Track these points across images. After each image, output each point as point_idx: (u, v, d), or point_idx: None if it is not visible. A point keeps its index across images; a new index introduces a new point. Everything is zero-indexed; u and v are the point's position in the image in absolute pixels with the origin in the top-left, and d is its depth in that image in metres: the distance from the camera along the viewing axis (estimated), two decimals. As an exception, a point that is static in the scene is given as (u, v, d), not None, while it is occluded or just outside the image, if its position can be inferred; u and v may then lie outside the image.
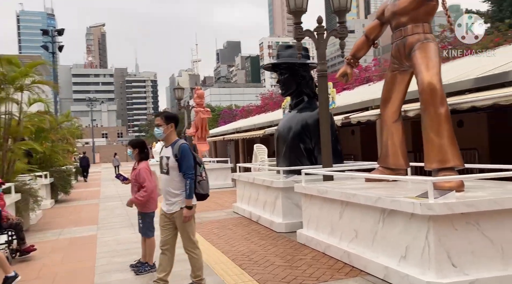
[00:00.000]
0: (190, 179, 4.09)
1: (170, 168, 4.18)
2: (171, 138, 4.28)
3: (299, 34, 6.53)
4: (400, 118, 5.47)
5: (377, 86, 14.87)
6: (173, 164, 4.15)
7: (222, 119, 37.83)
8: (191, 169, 4.13)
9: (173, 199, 4.19)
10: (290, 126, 7.98)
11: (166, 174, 4.22)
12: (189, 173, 4.09)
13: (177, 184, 4.17)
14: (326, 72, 6.65)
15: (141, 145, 5.60)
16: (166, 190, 4.24)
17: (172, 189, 4.18)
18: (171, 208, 4.21)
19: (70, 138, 18.22)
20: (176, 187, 4.17)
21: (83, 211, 11.43)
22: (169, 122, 4.27)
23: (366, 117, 9.15)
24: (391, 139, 5.49)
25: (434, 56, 4.67)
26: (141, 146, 5.57)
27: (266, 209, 7.66)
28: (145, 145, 5.67)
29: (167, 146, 4.30)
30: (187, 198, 4.09)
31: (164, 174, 4.27)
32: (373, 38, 5.66)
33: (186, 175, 4.08)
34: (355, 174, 5.74)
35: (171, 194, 4.19)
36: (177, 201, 4.17)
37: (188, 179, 4.08)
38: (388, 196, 4.18)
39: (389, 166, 5.56)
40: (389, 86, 5.36)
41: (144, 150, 5.57)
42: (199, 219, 8.68)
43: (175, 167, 4.15)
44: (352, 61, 5.78)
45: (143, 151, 5.53)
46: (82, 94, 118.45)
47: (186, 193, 4.08)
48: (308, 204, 5.94)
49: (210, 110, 16.06)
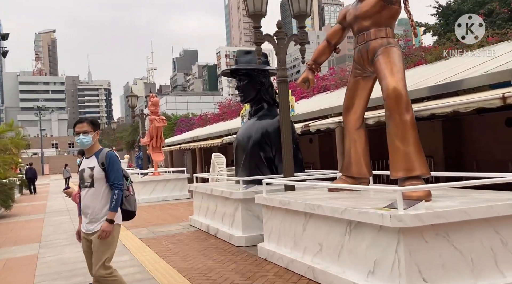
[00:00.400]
0: (119, 189, 3.67)
1: (95, 180, 3.71)
2: (95, 147, 3.87)
3: (258, 38, 6.27)
4: (363, 126, 5.32)
5: (335, 95, 14.94)
6: (99, 175, 3.70)
7: (178, 128, 37.03)
8: (120, 178, 3.71)
9: (98, 215, 3.69)
10: (249, 135, 7.68)
11: (90, 187, 3.73)
12: (118, 183, 3.68)
13: (104, 198, 3.69)
14: (287, 78, 6.43)
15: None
16: (89, 206, 3.72)
17: (98, 204, 3.68)
18: (92, 227, 3.70)
19: (13, 149, 17.00)
20: (102, 201, 3.69)
21: (25, 227, 10.53)
22: (96, 128, 3.88)
23: (326, 125, 9.02)
24: (354, 147, 5.31)
25: (398, 61, 4.53)
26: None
27: (224, 222, 7.28)
28: None
29: (89, 155, 3.83)
30: (111, 210, 3.61)
31: (87, 188, 3.75)
32: (335, 43, 5.49)
33: (115, 185, 3.65)
34: (319, 183, 5.50)
35: (96, 210, 3.68)
36: (103, 218, 3.67)
37: (116, 189, 3.65)
38: (355, 207, 3.95)
39: (352, 175, 5.38)
40: (351, 92, 5.19)
41: None
42: (153, 234, 8.17)
43: (102, 178, 3.70)
44: (314, 66, 5.57)
45: None
46: (30, 103, 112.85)
47: (111, 203, 3.61)
48: (270, 215, 5.63)
49: (165, 119, 15.51)
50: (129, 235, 8.20)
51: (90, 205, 3.71)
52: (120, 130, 56.39)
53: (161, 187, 14.90)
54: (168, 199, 14.61)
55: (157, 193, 14.72)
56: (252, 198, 6.43)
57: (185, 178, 15.43)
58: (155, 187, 14.82)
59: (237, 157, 8.05)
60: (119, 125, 72.29)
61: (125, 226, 9.30)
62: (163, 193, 14.82)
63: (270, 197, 5.47)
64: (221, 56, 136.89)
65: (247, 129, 7.88)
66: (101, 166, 3.70)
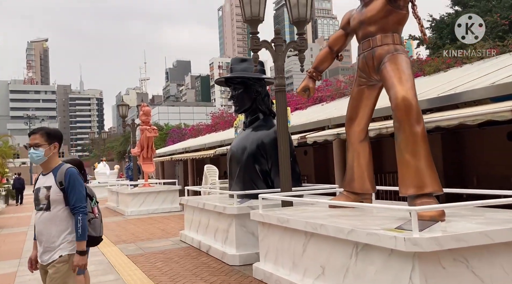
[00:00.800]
0: (83, 213, 3.11)
1: (52, 202, 3.14)
2: (53, 163, 3.28)
3: (255, 45, 5.95)
4: (367, 138, 4.98)
5: (331, 106, 14.68)
6: (56, 196, 3.14)
7: (170, 139, 36.57)
8: (83, 200, 3.15)
9: (54, 244, 3.12)
10: (244, 146, 7.32)
11: (46, 210, 3.16)
12: (81, 206, 3.12)
13: (62, 222, 3.11)
14: (285, 86, 6.10)
15: (78, 165, 4.75)
16: (43, 232, 3.15)
17: (54, 230, 3.11)
18: (46, 258, 3.17)
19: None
20: (60, 226, 3.11)
21: (6, 241, 10.01)
22: (52, 141, 3.29)
23: (324, 137, 8.70)
24: (357, 161, 4.97)
25: (407, 69, 4.22)
26: (78, 166, 4.75)
27: (217, 238, 6.87)
28: (82, 166, 4.84)
29: (46, 172, 3.28)
30: (79, 239, 3.07)
31: (42, 211, 3.18)
32: (337, 49, 5.18)
33: (76, 209, 3.10)
34: (320, 200, 5.13)
35: (51, 237, 3.12)
36: (61, 247, 3.11)
37: (79, 214, 3.09)
38: (362, 228, 3.59)
39: (355, 190, 5.03)
40: (355, 102, 4.86)
41: (82, 171, 4.76)
42: (141, 250, 7.72)
43: (60, 200, 3.14)
44: (315, 74, 5.25)
45: (80, 172, 4.72)
46: (20, 112, 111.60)
47: (77, 232, 3.05)
48: (266, 233, 5.24)
49: (157, 129, 15.09)
50: (115, 251, 7.74)
51: (45, 231, 3.15)
52: (111, 140, 55.72)
53: (151, 199, 14.43)
54: (158, 211, 14.12)
55: (147, 205, 14.24)
56: (247, 214, 6.05)
57: (176, 190, 14.98)
58: (145, 199, 14.34)
59: (231, 169, 7.67)
60: (111, 135, 71.58)
61: (111, 241, 8.83)
62: (153, 205, 14.34)
63: (267, 214, 5.08)
64: (214, 67, 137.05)
65: (242, 141, 7.52)
66: (59, 186, 3.13)
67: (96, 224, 3.32)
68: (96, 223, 3.32)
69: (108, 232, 10.16)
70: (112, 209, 16.19)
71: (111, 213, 15.18)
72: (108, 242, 8.71)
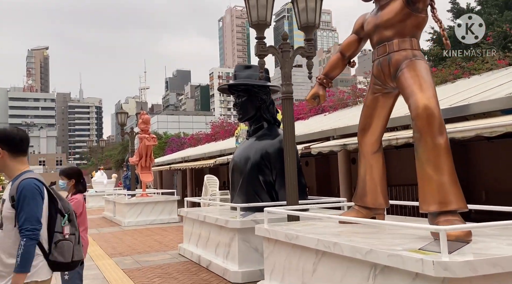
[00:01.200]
0: (28, 238, 2.47)
1: (4, 218, 2.59)
2: (13, 171, 2.68)
3: (262, 50, 5.66)
4: (380, 149, 4.67)
5: (335, 116, 14.40)
6: (7, 212, 2.57)
7: (169, 148, 36.22)
8: (32, 221, 2.49)
9: (5, 268, 2.53)
10: (247, 156, 7.00)
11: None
12: (28, 228, 2.48)
13: (13, 245, 2.52)
14: (292, 94, 5.80)
15: (77, 174, 4.50)
16: None
17: (6, 253, 2.54)
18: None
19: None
20: (9, 250, 2.54)
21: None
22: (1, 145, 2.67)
23: (329, 147, 8.40)
24: (369, 174, 4.65)
25: (427, 76, 3.93)
26: (77, 175, 4.47)
27: (218, 253, 6.52)
28: (81, 174, 4.60)
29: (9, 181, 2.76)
30: (16, 270, 2.45)
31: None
32: (349, 55, 4.89)
33: (22, 231, 2.47)
34: (332, 215, 4.79)
35: (2, 262, 2.54)
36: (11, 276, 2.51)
37: (24, 238, 2.46)
38: (382, 248, 3.26)
39: (367, 205, 4.71)
40: (369, 111, 4.56)
41: (81, 180, 4.49)
42: (138, 264, 7.36)
43: (11, 217, 2.55)
44: (325, 81, 4.95)
45: (80, 181, 4.45)
46: (19, 119, 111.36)
47: (16, 261, 2.46)
48: (272, 250, 4.91)
49: (156, 137, 14.78)
50: (111, 265, 7.38)
51: None
52: (109, 149, 55.33)
53: (149, 209, 14.06)
54: (156, 222, 13.74)
55: (144, 216, 13.87)
56: (250, 228, 5.72)
57: (175, 200, 14.61)
58: (142, 209, 13.97)
59: (233, 180, 7.35)
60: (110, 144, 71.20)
61: (107, 253, 8.47)
62: (151, 216, 13.97)
63: (273, 229, 4.75)
64: (214, 77, 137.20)
65: (245, 150, 7.22)
66: (11, 201, 2.54)
67: (64, 248, 2.64)
68: (64, 246, 2.64)
69: (104, 244, 9.79)
70: (109, 219, 15.80)
71: (108, 223, 14.79)
72: (103, 255, 8.34)
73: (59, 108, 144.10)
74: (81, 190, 4.40)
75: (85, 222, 4.32)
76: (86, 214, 4.47)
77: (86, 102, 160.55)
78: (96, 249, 9.07)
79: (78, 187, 4.38)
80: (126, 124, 16.89)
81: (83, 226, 4.23)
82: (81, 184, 4.40)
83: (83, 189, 4.44)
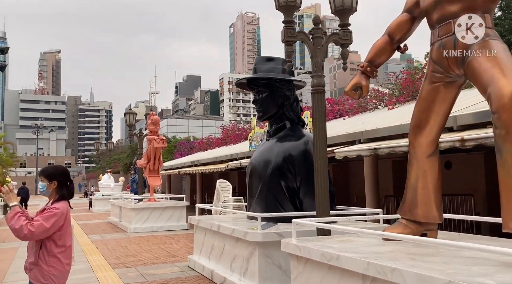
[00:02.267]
0: None
1: None
2: None
3: (290, 36, 4.90)
4: (437, 152, 3.86)
5: (356, 120, 13.56)
6: None
7: (178, 152, 35.54)
8: None
9: None
10: (268, 159, 6.21)
11: None
12: None
13: None
14: (324, 87, 5.01)
15: (61, 174, 3.45)
16: None
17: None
18: None
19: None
20: None
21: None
22: None
23: (356, 152, 7.58)
24: (422, 181, 3.83)
25: (508, 58, 3.13)
26: (62, 176, 3.44)
27: (234, 269, 5.72)
28: (67, 176, 3.51)
29: None
30: None
31: None
32: (399, 38, 4.08)
33: None
34: (375, 231, 3.95)
35: None
36: None
37: None
38: (464, 280, 2.44)
39: (417, 219, 3.89)
40: (426, 104, 3.75)
41: (67, 183, 3.44)
42: (143, 277, 6.58)
43: None
44: (369, 69, 4.14)
45: (64, 184, 3.42)
46: (29, 121, 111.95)
47: None
48: (302, 270, 4.09)
49: (165, 139, 14.06)
50: (113, 278, 6.61)
51: None
52: (118, 153, 54.86)
53: (156, 215, 13.30)
54: (163, 229, 12.97)
55: (151, 222, 13.11)
56: (273, 242, 4.95)
57: (184, 206, 13.84)
58: (149, 215, 13.21)
59: (251, 185, 6.56)
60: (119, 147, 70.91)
61: (110, 264, 7.71)
62: (158, 222, 13.20)
63: (305, 246, 3.94)
64: (224, 82, 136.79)
65: (265, 153, 6.43)
66: None
67: None
68: None
69: (107, 252, 9.03)
70: (114, 224, 15.07)
71: (113, 228, 14.06)
72: (105, 265, 7.58)
73: (69, 111, 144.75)
74: (65, 196, 3.39)
75: (65, 239, 3.31)
76: (71, 228, 3.44)
77: (96, 106, 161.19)
78: (99, 258, 8.31)
79: (62, 191, 3.37)
80: (136, 128, 16.25)
81: (62, 246, 3.27)
82: (66, 188, 3.42)
83: (68, 195, 3.43)
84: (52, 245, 3.21)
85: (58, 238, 3.24)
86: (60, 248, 3.24)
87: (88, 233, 12.62)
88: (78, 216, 19.77)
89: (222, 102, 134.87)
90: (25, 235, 3.07)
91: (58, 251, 3.23)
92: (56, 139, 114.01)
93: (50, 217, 3.17)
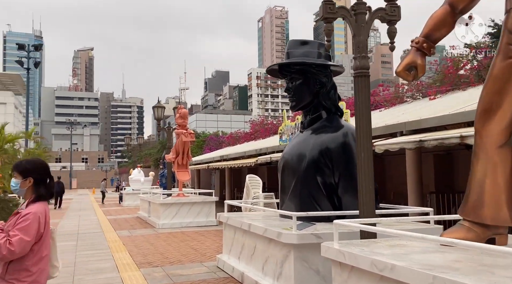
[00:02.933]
0: None
1: None
2: None
3: (329, 12, 4.34)
4: (510, 142, 3.22)
5: (394, 112, 12.80)
6: None
7: (207, 146, 35.41)
8: None
9: None
10: (302, 153, 5.67)
11: None
12: None
13: None
14: (368, 70, 4.43)
15: (38, 170, 2.86)
16: None
17: None
18: None
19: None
20: None
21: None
22: None
23: (399, 145, 6.92)
24: (492, 176, 3.21)
25: None
26: (39, 172, 2.85)
27: (267, 272, 5.23)
28: (46, 171, 2.93)
29: None
30: None
31: None
32: (462, 8, 3.45)
33: None
34: (429, 236, 3.33)
35: None
36: None
37: None
38: None
39: (484, 221, 3.28)
40: (498, 84, 3.12)
41: (45, 180, 2.87)
42: (169, 278, 6.20)
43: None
44: (425, 45, 3.52)
45: (42, 181, 2.84)
46: (64, 117, 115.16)
47: None
48: (346, 279, 3.55)
49: (194, 133, 13.70)
50: (137, 278, 6.25)
51: None
52: (149, 148, 55.53)
53: (185, 210, 12.99)
54: (192, 225, 12.65)
55: (180, 218, 12.81)
56: (310, 244, 4.43)
57: (213, 202, 13.48)
58: (178, 210, 12.92)
59: (283, 181, 6.04)
60: (150, 143, 71.84)
61: (135, 262, 7.39)
62: (187, 218, 12.89)
63: (350, 252, 3.39)
64: (252, 77, 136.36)
65: (299, 146, 5.89)
66: None
67: None
68: None
69: (134, 249, 8.74)
70: (143, 220, 14.90)
71: (142, 224, 13.87)
72: (131, 264, 7.25)
73: (102, 107, 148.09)
74: (43, 196, 2.81)
75: (42, 248, 2.81)
76: (49, 236, 2.90)
77: (128, 102, 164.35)
78: (125, 256, 8.01)
79: (39, 190, 2.79)
80: (165, 122, 16.00)
81: (36, 257, 2.76)
82: (45, 186, 2.84)
83: (46, 194, 2.83)
84: (24, 257, 2.69)
85: (36, 249, 2.73)
86: (34, 259, 2.73)
87: (117, 229, 12.45)
88: (109, 210, 19.83)
89: (251, 97, 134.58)
90: (3, 256, 2.55)
91: (30, 263, 2.70)
92: (90, 134, 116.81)
93: (28, 228, 2.64)
